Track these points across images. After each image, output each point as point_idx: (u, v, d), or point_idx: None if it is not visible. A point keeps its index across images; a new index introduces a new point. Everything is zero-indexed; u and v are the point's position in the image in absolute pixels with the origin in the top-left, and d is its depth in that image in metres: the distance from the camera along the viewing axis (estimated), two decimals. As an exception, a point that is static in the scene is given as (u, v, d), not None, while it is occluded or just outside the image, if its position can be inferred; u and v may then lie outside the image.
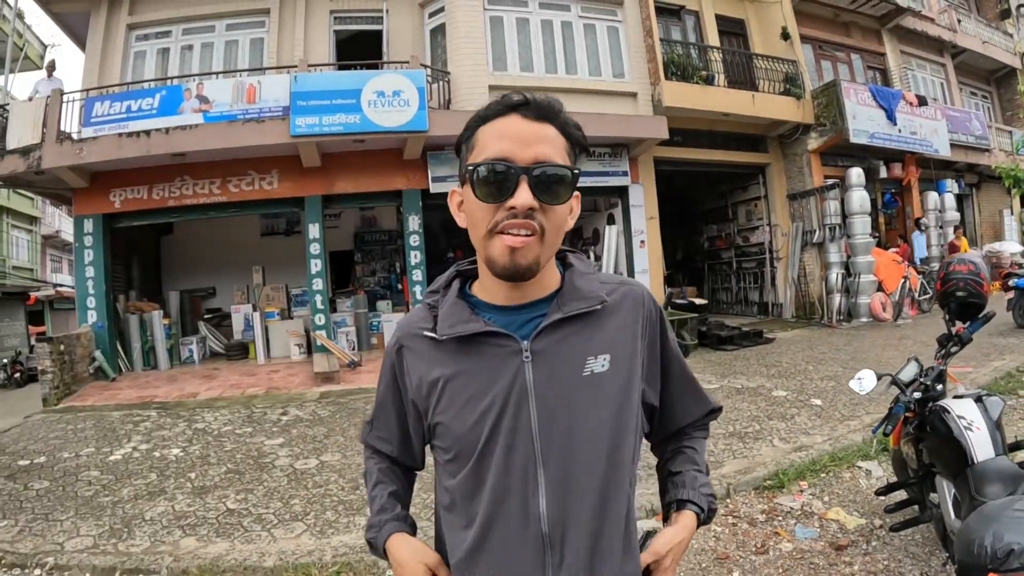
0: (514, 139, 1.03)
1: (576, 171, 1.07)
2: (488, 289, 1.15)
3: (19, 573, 3.85)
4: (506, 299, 1.13)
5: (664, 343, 1.27)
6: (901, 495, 3.48)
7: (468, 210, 1.09)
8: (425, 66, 10.90)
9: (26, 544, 4.20)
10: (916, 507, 3.28)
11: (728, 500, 4.32)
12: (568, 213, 1.11)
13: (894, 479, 3.68)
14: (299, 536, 4.08)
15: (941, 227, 15.25)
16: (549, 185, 1.03)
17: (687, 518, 1.23)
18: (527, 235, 1.02)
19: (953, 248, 14.54)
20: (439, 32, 11.82)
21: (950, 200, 15.59)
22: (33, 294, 23.64)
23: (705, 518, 1.25)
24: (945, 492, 2.83)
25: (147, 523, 4.45)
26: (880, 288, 12.65)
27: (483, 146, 1.06)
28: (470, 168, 1.05)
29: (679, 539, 1.20)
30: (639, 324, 1.19)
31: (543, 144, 1.04)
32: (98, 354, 10.43)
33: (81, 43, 12.42)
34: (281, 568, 3.65)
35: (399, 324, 1.26)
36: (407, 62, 10.73)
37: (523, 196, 1.01)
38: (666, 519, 1.27)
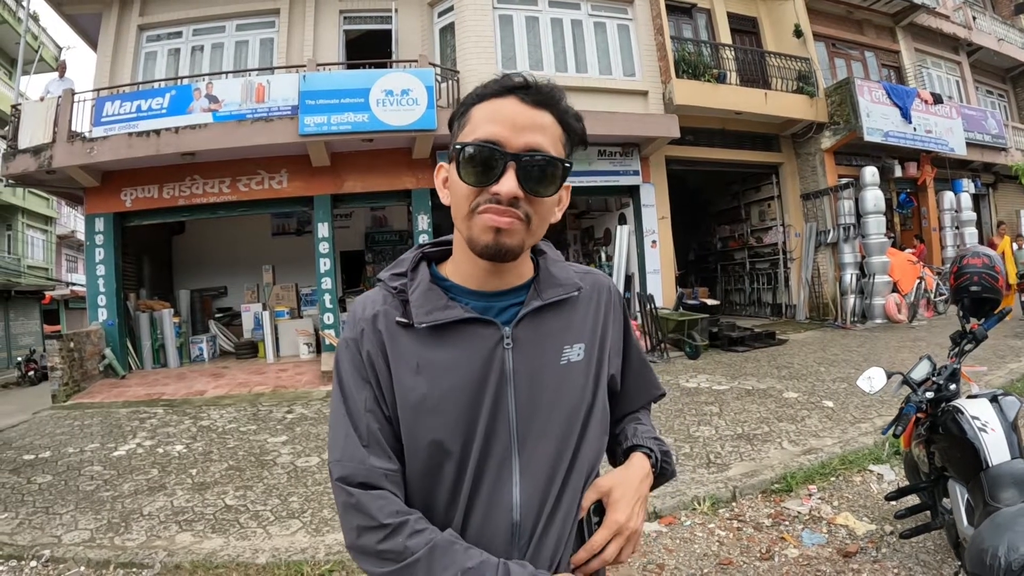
0: (507, 123, 0.98)
1: (568, 163, 1.03)
2: (464, 273, 1.10)
3: (15, 565, 3.85)
4: (483, 284, 1.09)
5: (627, 331, 1.28)
6: (912, 500, 3.37)
7: (452, 188, 1.05)
8: (434, 65, 10.87)
9: (24, 536, 4.21)
10: (928, 513, 3.16)
11: (734, 503, 4.23)
12: (556, 204, 1.08)
13: (906, 483, 3.57)
14: (294, 533, 4.04)
15: (957, 227, 15.02)
16: (537, 175, 0.99)
17: (635, 458, 1.19)
18: (511, 218, 0.98)
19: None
20: (448, 31, 11.79)
21: (966, 200, 15.36)
22: (48, 293, 23.91)
23: (659, 461, 1.21)
24: (958, 497, 2.70)
25: (145, 518, 4.44)
26: (895, 289, 12.48)
27: (475, 125, 1.01)
28: (457, 147, 1.00)
29: (625, 473, 1.15)
30: (608, 313, 1.20)
31: (537, 132, 1.00)
32: (108, 352, 10.49)
33: (93, 44, 12.51)
34: (273, 565, 3.61)
35: (356, 312, 1.10)
36: (416, 61, 10.72)
37: (508, 184, 0.97)
38: None
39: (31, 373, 15.66)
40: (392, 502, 1.00)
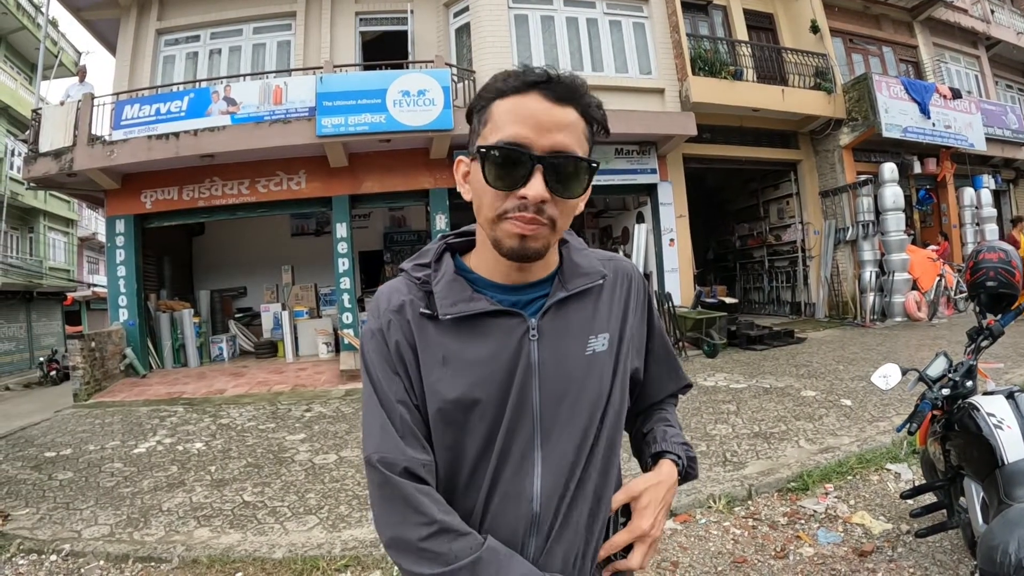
0: (531, 122, 0.95)
1: (595, 163, 1.01)
2: (488, 266, 1.09)
3: (36, 558, 3.92)
4: (508, 278, 1.08)
5: (651, 318, 1.27)
6: (929, 498, 3.33)
7: (476, 189, 1.02)
8: (450, 65, 10.91)
9: (45, 531, 4.29)
10: (944, 512, 3.12)
11: (749, 502, 4.20)
12: (581, 200, 1.06)
13: (923, 482, 3.53)
14: (311, 529, 4.09)
15: (978, 224, 14.80)
16: (565, 177, 0.97)
17: (664, 466, 1.19)
18: (537, 224, 0.97)
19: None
20: (464, 31, 11.83)
21: (987, 196, 15.12)
22: (70, 295, 24.23)
23: (685, 468, 1.22)
24: (973, 495, 2.66)
25: (164, 513, 4.51)
26: (915, 287, 12.33)
27: (497, 124, 0.97)
28: (482, 149, 0.97)
29: (656, 480, 1.15)
30: (632, 300, 1.20)
31: (563, 131, 0.96)
32: (129, 351, 10.64)
33: (112, 49, 12.69)
34: (289, 560, 3.65)
35: (381, 303, 1.09)
36: (432, 61, 10.76)
37: (536, 187, 0.94)
38: None
39: (53, 373, 15.89)
40: (439, 500, 1.00)
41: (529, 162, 0.94)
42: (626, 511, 1.13)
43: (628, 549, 1.11)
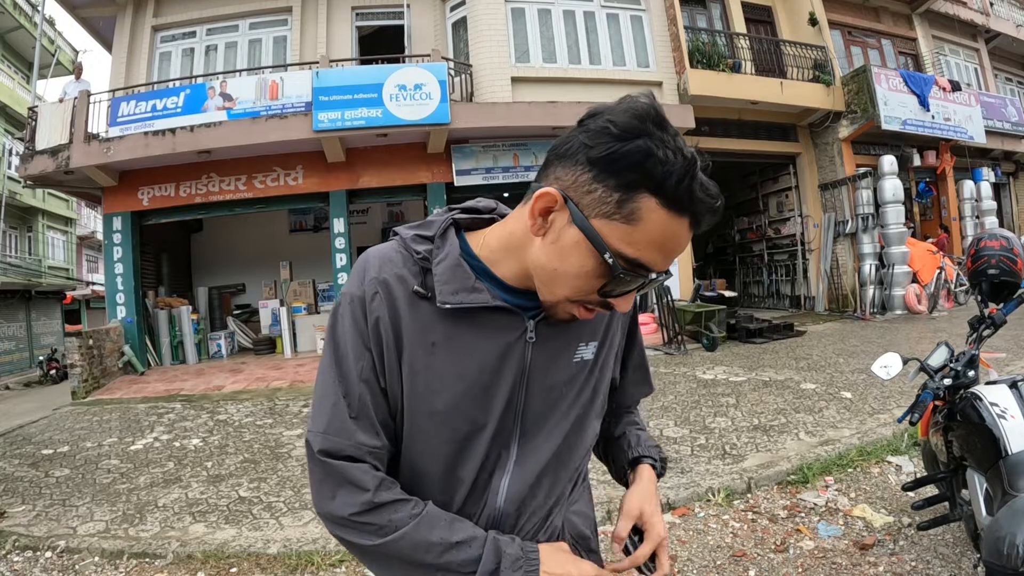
0: (669, 253, 0.87)
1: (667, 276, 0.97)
2: (499, 263, 1.00)
3: (31, 555, 3.90)
4: (514, 281, 0.99)
5: (634, 329, 1.27)
6: (930, 491, 3.29)
7: (566, 257, 0.89)
8: (447, 59, 10.88)
9: (41, 528, 4.26)
10: (946, 504, 3.08)
11: (749, 495, 4.17)
12: None
13: (925, 474, 3.49)
14: (306, 524, 4.06)
15: (978, 217, 14.77)
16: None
17: (645, 471, 1.22)
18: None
19: None
20: (461, 25, 11.80)
21: (986, 189, 15.09)
22: (69, 293, 24.24)
23: (660, 470, 1.26)
24: (976, 487, 2.61)
25: (159, 509, 4.47)
26: (915, 279, 12.30)
27: (643, 236, 0.84)
28: (621, 260, 0.85)
29: (649, 490, 1.18)
30: None
31: None
32: (127, 349, 10.62)
33: (108, 46, 12.70)
34: (284, 555, 3.62)
35: (369, 270, 0.99)
36: (428, 55, 10.72)
37: (628, 305, 0.94)
38: (621, 480, 1.29)
39: (53, 372, 15.90)
40: (374, 474, 0.95)
41: (639, 285, 0.90)
42: (637, 530, 1.14)
43: (652, 558, 1.11)
